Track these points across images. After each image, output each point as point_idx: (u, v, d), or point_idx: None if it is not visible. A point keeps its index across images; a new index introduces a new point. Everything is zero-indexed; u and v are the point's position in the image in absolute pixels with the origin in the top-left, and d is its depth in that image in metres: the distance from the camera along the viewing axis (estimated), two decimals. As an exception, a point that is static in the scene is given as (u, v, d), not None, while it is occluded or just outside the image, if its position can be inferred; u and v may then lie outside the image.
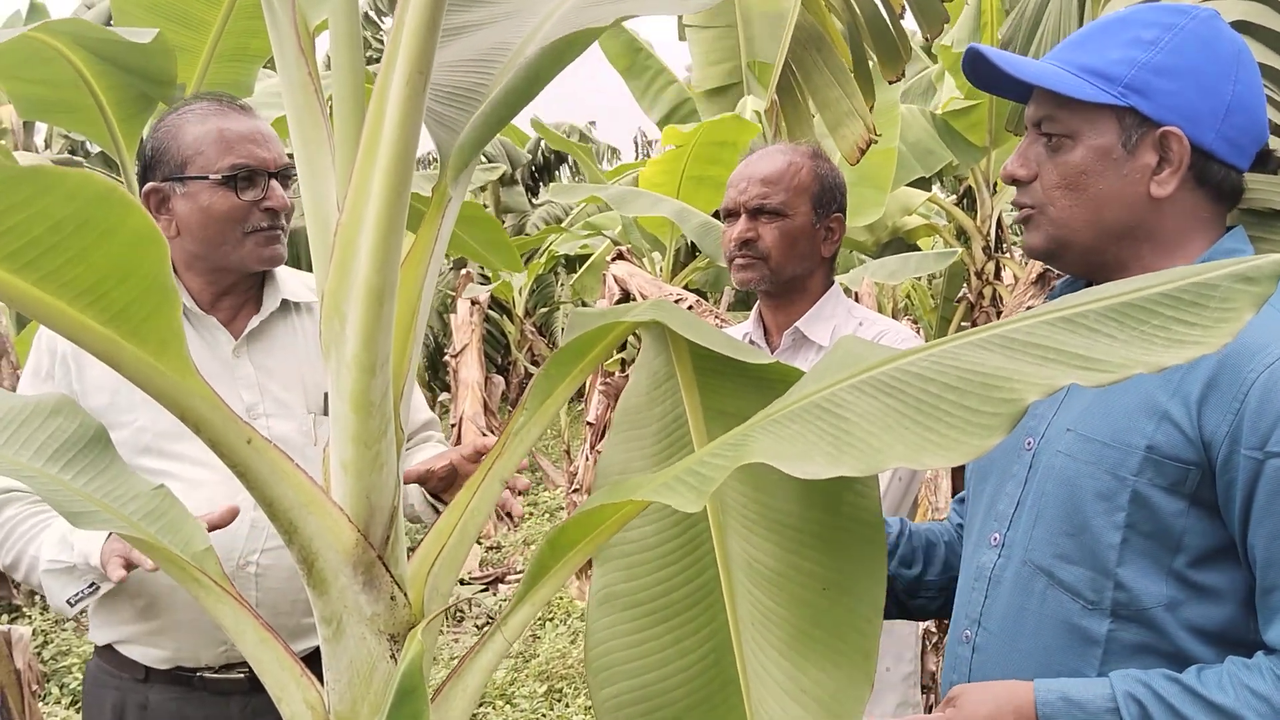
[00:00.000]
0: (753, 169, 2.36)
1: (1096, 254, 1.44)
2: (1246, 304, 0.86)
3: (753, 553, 1.28)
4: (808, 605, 1.22)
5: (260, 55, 3.66)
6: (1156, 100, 1.36)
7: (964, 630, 1.56)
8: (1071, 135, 1.41)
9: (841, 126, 3.13)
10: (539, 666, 5.30)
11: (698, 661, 1.27)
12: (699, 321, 1.34)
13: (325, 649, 1.16)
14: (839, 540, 1.22)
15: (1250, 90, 1.37)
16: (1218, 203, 1.41)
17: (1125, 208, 1.40)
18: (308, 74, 1.15)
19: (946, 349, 0.98)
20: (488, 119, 1.25)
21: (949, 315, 8.30)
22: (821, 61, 3.12)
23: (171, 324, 0.97)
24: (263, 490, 1.09)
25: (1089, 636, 1.38)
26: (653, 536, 1.34)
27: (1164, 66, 1.35)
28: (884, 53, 3.20)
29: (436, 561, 1.22)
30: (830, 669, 1.18)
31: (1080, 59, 1.41)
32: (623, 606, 1.31)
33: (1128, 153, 1.38)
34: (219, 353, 2.00)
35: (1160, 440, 1.32)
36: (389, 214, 1.05)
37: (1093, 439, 1.39)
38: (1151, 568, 1.34)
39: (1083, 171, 1.40)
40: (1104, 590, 1.37)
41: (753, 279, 2.36)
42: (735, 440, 1.02)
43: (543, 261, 11.18)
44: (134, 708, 1.97)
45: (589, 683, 1.30)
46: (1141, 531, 1.34)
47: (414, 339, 1.20)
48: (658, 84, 8.24)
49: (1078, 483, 1.39)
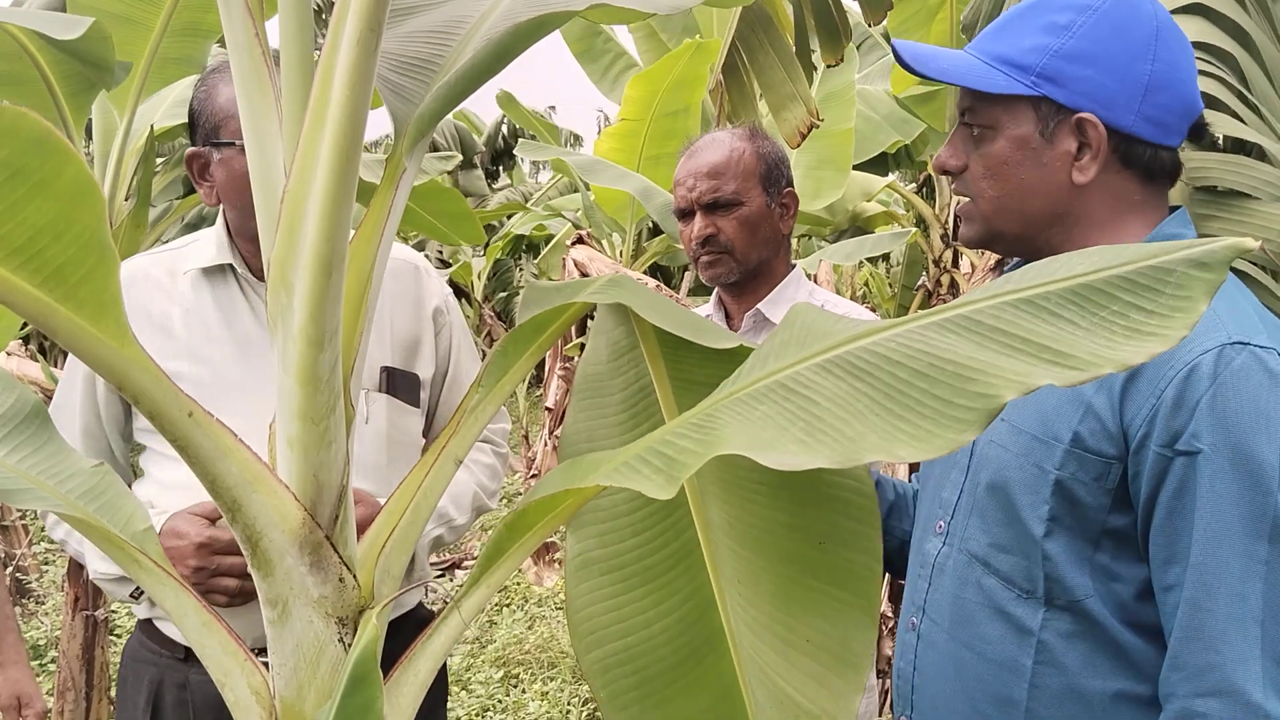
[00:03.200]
0: (697, 164, 2.33)
1: (1027, 241, 1.44)
2: (1201, 291, 0.85)
3: (734, 514, 1.28)
4: (799, 559, 1.23)
5: (214, 31, 3.57)
6: (1069, 87, 1.35)
7: (910, 618, 1.56)
8: (992, 126, 1.41)
9: (784, 109, 3.10)
10: (495, 652, 5.26)
11: (681, 619, 1.28)
12: (660, 299, 1.31)
13: (270, 632, 1.12)
14: (828, 495, 1.23)
15: (1171, 67, 1.33)
16: (1150, 183, 1.39)
17: (1049, 196, 1.39)
18: (254, 35, 1.11)
19: (910, 329, 0.96)
20: (451, 89, 1.21)
21: (907, 303, 8.32)
22: (767, 41, 3.08)
23: (109, 286, 0.91)
24: (205, 466, 1.04)
25: (1024, 626, 1.37)
26: (625, 503, 1.35)
27: (1076, 52, 1.34)
28: (825, 34, 3.17)
29: (388, 543, 1.18)
30: (833, 617, 1.20)
31: (996, 48, 1.40)
32: (600, 571, 1.31)
33: (1046, 141, 1.37)
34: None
35: (1084, 432, 1.31)
36: (338, 179, 1.01)
37: (1022, 430, 1.39)
38: (1077, 560, 1.33)
39: (1004, 162, 1.40)
40: (1037, 580, 1.36)
41: (722, 273, 2.33)
42: (701, 420, 1.00)
43: (501, 245, 11.10)
44: (172, 686, 1.90)
45: (574, 646, 1.30)
46: (1065, 524, 1.34)
47: (365, 312, 1.16)
48: (617, 67, 8.18)
49: (1007, 474, 1.39)
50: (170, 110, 4.13)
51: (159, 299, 1.89)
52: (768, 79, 3.09)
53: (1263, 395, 1.20)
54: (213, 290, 1.90)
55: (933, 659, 1.50)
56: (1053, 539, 1.34)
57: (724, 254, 2.31)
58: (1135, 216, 1.39)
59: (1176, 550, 1.24)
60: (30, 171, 0.82)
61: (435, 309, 2.05)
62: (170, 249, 1.97)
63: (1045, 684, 1.35)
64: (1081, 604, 1.33)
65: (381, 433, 1.93)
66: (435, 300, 2.06)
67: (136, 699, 1.92)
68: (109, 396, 1.90)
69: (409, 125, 1.23)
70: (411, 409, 2.00)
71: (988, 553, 1.42)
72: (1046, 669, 1.35)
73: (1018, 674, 1.37)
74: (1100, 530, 1.32)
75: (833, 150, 5.73)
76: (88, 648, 3.47)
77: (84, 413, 1.91)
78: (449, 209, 4.80)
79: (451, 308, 2.10)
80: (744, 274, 2.34)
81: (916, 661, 1.53)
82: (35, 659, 4.93)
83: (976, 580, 1.43)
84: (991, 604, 1.41)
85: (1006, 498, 1.39)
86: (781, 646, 1.21)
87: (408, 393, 1.99)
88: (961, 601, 1.45)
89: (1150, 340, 0.84)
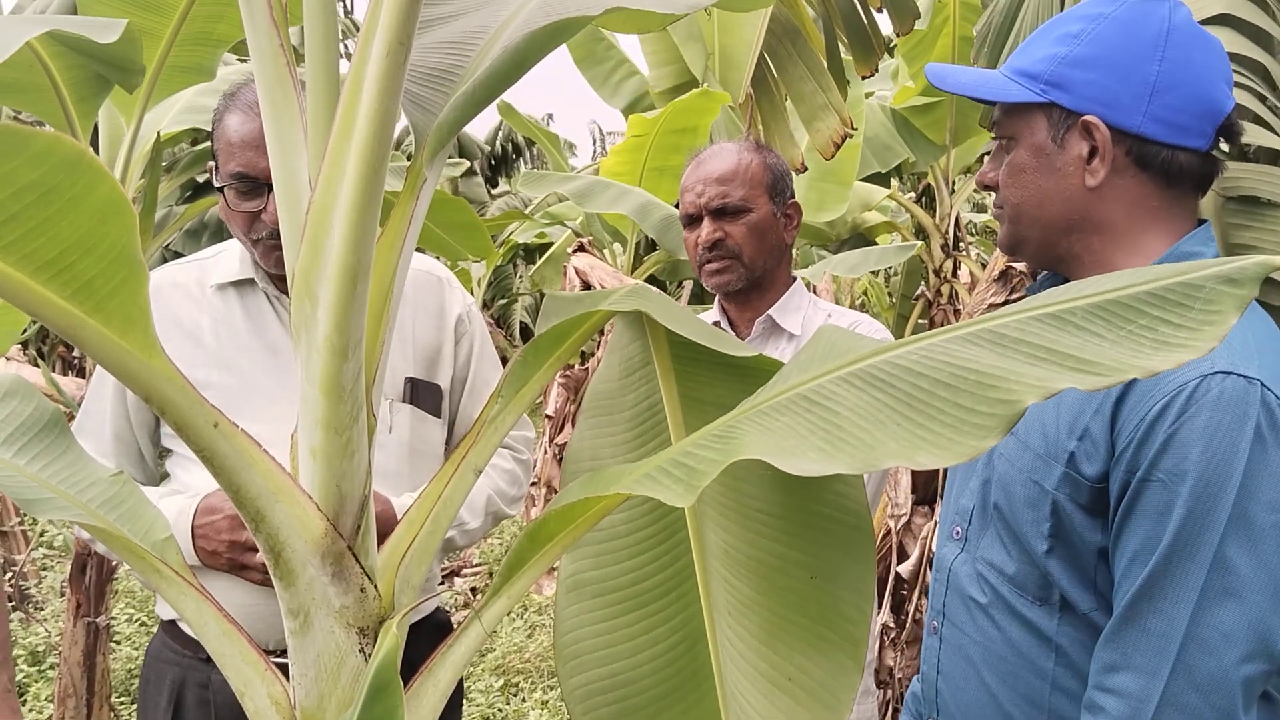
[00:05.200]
0: (706, 170, 2.34)
1: (1049, 248, 1.45)
2: (1231, 306, 0.85)
3: (731, 541, 1.26)
4: (791, 593, 1.20)
5: (225, 40, 3.56)
6: (1074, 91, 1.37)
7: (932, 622, 1.59)
8: (1014, 136, 1.45)
9: (816, 120, 3.10)
10: (495, 661, 5.25)
11: (669, 650, 1.26)
12: (679, 309, 1.31)
13: (291, 642, 1.12)
14: (825, 529, 1.21)
15: (1182, 67, 1.34)
16: (1170, 188, 1.38)
17: (1065, 201, 1.41)
18: (279, 45, 1.11)
19: (935, 343, 0.97)
20: (470, 99, 1.21)
21: (906, 313, 8.32)
22: (796, 54, 3.08)
23: (138, 299, 0.92)
24: (229, 476, 1.04)
25: (1041, 630, 1.39)
26: (623, 525, 1.33)
27: (1082, 58, 1.37)
28: (858, 46, 3.18)
29: (408, 553, 1.18)
30: (817, 657, 1.17)
31: (1016, 63, 1.45)
32: (592, 594, 1.30)
33: (1059, 147, 1.40)
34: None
35: (1079, 455, 1.33)
36: (365, 190, 1.01)
37: (1028, 447, 1.40)
38: (1079, 577, 1.36)
39: (1023, 169, 1.44)
40: (1049, 589, 1.38)
41: (729, 280, 2.33)
42: (722, 432, 1.00)
43: (501, 252, 11.10)
44: (194, 687, 1.91)
45: (558, 671, 1.29)
46: (1065, 542, 1.36)
47: (387, 322, 1.16)
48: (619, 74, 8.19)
49: (1013, 490, 1.41)
50: (178, 117, 4.12)
51: (189, 308, 1.90)
52: (798, 90, 3.09)
53: (1233, 426, 1.20)
54: (241, 301, 1.91)
55: (955, 662, 1.52)
56: (1054, 556, 1.37)
57: (732, 260, 2.31)
58: (1155, 224, 1.39)
59: (1118, 566, 1.28)
60: (63, 190, 0.83)
61: (458, 318, 2.06)
62: (198, 260, 1.99)
63: (1066, 685, 1.38)
64: (1089, 616, 1.35)
65: (404, 442, 1.95)
66: (458, 309, 2.07)
67: (159, 699, 1.93)
68: (139, 402, 1.90)
69: (429, 135, 1.23)
70: (434, 419, 2.01)
71: (1001, 561, 1.44)
72: (1066, 671, 1.37)
73: (1041, 676, 1.40)
74: (1095, 550, 1.33)
75: (837, 163, 5.73)
76: (89, 654, 3.46)
77: (114, 419, 1.92)
78: (457, 219, 4.68)
79: (474, 317, 2.11)
80: (749, 282, 2.34)
81: (940, 665, 1.55)
82: (34, 664, 4.92)
83: (993, 586, 1.46)
84: (1009, 609, 1.43)
85: (1013, 512, 1.41)
86: (764, 684, 1.20)
87: (430, 403, 2.00)
88: (980, 606, 1.47)
89: (1179, 351, 0.84)
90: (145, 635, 5.34)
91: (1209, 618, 1.21)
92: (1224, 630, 1.20)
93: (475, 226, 4.76)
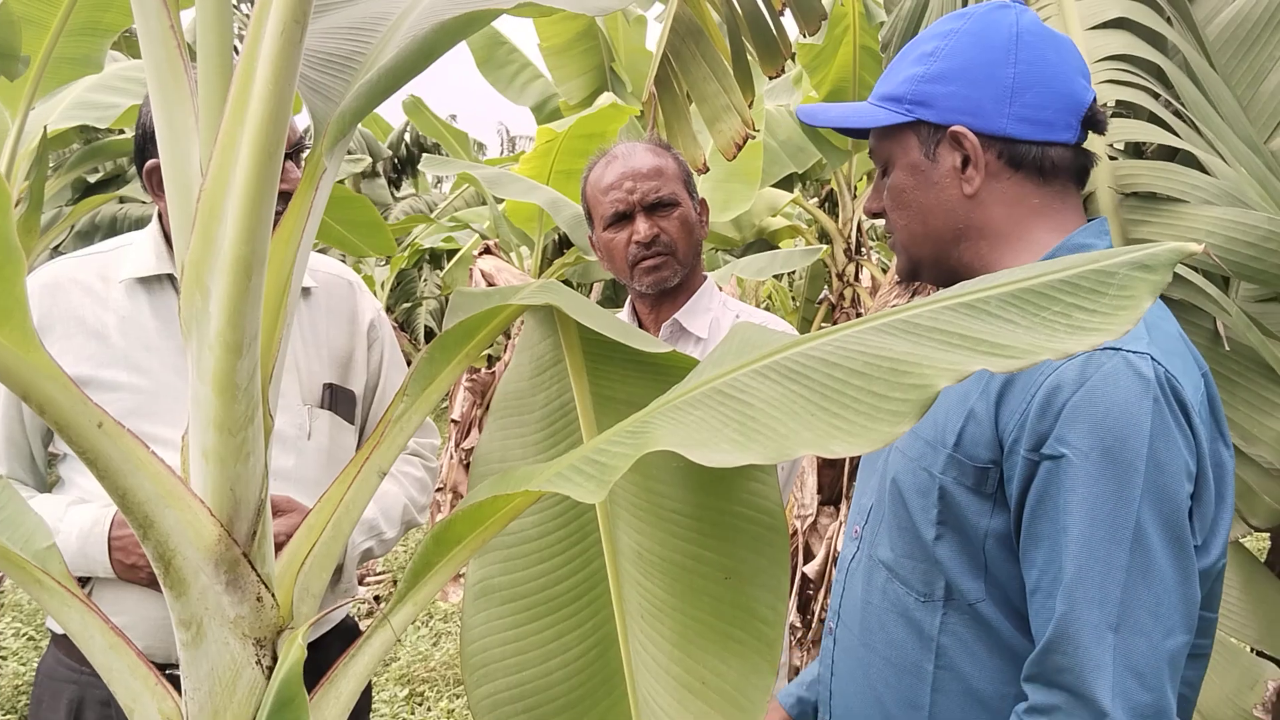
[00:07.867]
0: (631, 166, 2.30)
1: (942, 263, 1.46)
2: (1145, 291, 0.86)
3: (644, 543, 1.23)
4: (705, 595, 1.18)
5: (112, 30, 3.44)
6: (938, 106, 1.40)
7: (829, 622, 1.59)
8: (889, 160, 1.47)
9: (719, 121, 3.08)
10: (399, 670, 5.16)
11: (580, 656, 1.24)
12: (591, 305, 1.28)
13: (184, 655, 1.06)
14: (739, 529, 1.19)
15: (1036, 66, 1.37)
16: (1046, 184, 1.40)
17: (947, 212, 1.42)
18: (169, 26, 1.05)
19: (850, 334, 0.96)
20: (373, 88, 1.17)
21: (810, 316, 8.40)
22: (699, 54, 3.07)
23: (14, 290, 0.85)
24: (114, 480, 0.98)
25: (924, 630, 1.39)
26: (534, 528, 1.30)
27: (940, 73, 1.40)
28: (763, 49, 3.18)
29: (307, 560, 1.13)
30: (731, 659, 1.15)
31: (881, 89, 1.48)
32: (501, 600, 1.27)
33: (932, 161, 1.42)
34: None
35: (965, 438, 1.33)
36: (258, 177, 0.96)
37: (919, 435, 1.41)
38: (967, 564, 1.35)
39: (903, 190, 1.46)
40: (934, 584, 1.38)
41: (666, 276, 2.28)
42: (635, 428, 0.97)
43: (406, 255, 10.94)
44: (94, 704, 1.80)
45: (464, 680, 1.25)
46: (953, 528, 1.36)
47: (284, 317, 1.11)
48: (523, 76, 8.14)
49: (904, 479, 1.42)
50: (66, 113, 3.96)
51: (92, 305, 1.81)
52: (700, 91, 3.06)
53: (1132, 400, 1.20)
54: (150, 299, 1.83)
55: (845, 663, 1.52)
56: (943, 543, 1.36)
57: (668, 256, 2.27)
58: (1040, 221, 1.40)
59: (1039, 554, 1.25)
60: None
61: (370, 323, 2.03)
62: (97, 253, 1.90)
63: (947, 687, 1.37)
64: (975, 607, 1.35)
65: (324, 449, 1.90)
66: (369, 314, 2.04)
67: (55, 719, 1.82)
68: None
69: (329, 124, 1.18)
70: (349, 426, 1.97)
71: (890, 558, 1.44)
72: (946, 673, 1.37)
73: (921, 678, 1.39)
74: (984, 535, 1.33)
75: (742, 163, 5.75)
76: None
77: (7, 421, 1.83)
78: (359, 218, 4.63)
79: (384, 322, 2.08)
80: (681, 277, 2.31)
81: (834, 666, 1.54)
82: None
83: (882, 585, 1.45)
84: (896, 608, 1.43)
85: (903, 503, 1.41)
86: (677, 689, 1.17)
87: (346, 409, 1.96)
88: (870, 606, 1.47)
89: (1093, 334, 0.84)
90: (34, 650, 5.12)
91: (1138, 597, 1.19)
92: (1150, 608, 1.19)
93: (378, 225, 4.72)
